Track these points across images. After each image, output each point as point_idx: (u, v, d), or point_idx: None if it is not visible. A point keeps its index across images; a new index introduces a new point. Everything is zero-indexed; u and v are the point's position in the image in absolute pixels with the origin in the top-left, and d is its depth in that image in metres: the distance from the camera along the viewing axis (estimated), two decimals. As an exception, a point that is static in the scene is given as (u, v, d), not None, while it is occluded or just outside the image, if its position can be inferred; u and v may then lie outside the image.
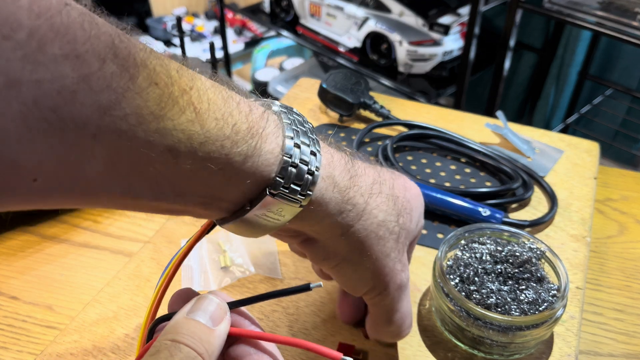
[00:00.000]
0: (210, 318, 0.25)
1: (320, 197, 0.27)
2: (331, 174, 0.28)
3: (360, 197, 0.29)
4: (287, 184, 0.25)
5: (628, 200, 0.61)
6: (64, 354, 0.41)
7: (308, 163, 0.26)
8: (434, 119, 0.68)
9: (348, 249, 0.30)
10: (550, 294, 0.40)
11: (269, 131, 0.25)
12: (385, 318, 0.34)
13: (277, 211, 0.25)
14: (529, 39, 1.55)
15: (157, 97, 0.20)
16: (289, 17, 1.53)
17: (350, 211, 0.28)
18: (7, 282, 0.52)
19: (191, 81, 0.22)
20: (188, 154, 0.22)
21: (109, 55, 0.19)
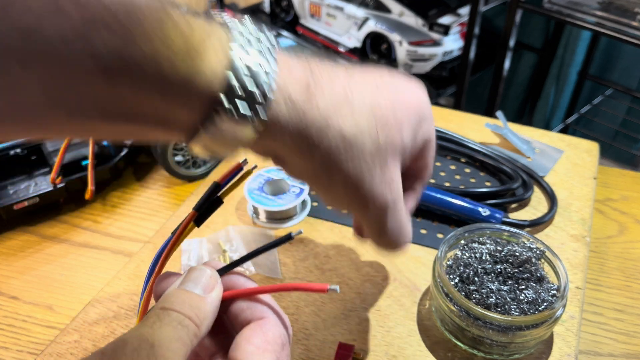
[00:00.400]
0: (202, 287, 0.25)
1: (275, 115, 0.25)
2: (285, 89, 0.25)
3: (320, 113, 0.26)
4: (233, 102, 0.23)
5: (628, 200, 0.61)
6: (64, 353, 0.41)
7: (257, 77, 0.24)
8: (434, 119, 0.68)
9: (314, 167, 0.28)
10: (550, 294, 0.40)
11: (211, 48, 0.23)
12: (375, 232, 0.33)
13: (231, 131, 0.24)
14: (529, 39, 1.55)
15: (80, 17, 0.19)
16: (289, 17, 1.53)
17: (309, 128, 0.26)
18: (7, 282, 0.52)
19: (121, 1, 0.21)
20: (122, 75, 0.21)
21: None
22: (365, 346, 0.42)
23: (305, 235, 0.51)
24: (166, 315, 0.23)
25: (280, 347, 0.26)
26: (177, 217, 0.54)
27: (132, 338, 0.22)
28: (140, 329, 0.23)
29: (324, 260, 0.49)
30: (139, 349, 0.21)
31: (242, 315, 0.27)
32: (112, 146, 0.61)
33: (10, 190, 0.57)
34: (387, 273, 0.48)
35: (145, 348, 0.21)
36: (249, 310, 0.27)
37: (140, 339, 0.22)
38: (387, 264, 0.48)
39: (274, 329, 0.26)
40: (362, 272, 0.48)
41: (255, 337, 0.25)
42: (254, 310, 0.27)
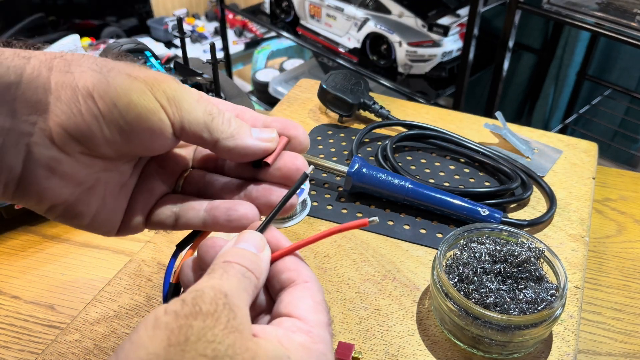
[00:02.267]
0: (255, 246, 0.26)
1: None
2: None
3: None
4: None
5: (626, 200, 0.61)
6: (66, 353, 0.42)
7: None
8: (434, 120, 0.68)
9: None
10: (549, 294, 0.40)
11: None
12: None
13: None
14: (528, 40, 1.55)
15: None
16: (289, 18, 1.53)
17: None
18: (8, 282, 0.52)
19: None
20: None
21: None
22: (365, 345, 0.42)
23: (306, 235, 0.52)
24: (230, 267, 0.24)
25: (327, 311, 0.26)
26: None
27: (207, 288, 0.23)
28: (211, 281, 0.23)
29: (324, 260, 0.49)
30: (216, 298, 0.22)
31: (284, 275, 0.27)
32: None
33: (11, 191, 0.57)
34: (386, 273, 0.48)
35: (221, 297, 0.22)
36: (293, 272, 0.27)
37: (214, 289, 0.22)
38: (387, 264, 0.49)
39: (320, 294, 0.27)
40: (362, 272, 0.48)
41: (307, 297, 0.26)
42: (299, 273, 0.27)
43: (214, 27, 2.30)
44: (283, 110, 0.70)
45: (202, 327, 0.21)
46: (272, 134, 0.29)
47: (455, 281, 0.41)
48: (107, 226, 0.30)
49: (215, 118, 0.28)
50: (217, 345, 0.21)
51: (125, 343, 0.21)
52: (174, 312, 0.21)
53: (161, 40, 2.19)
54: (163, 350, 0.20)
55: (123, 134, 0.26)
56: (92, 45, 2.02)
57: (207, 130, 0.27)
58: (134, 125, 0.26)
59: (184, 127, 0.27)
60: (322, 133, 0.66)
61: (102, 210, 0.29)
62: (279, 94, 1.75)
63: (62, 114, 0.25)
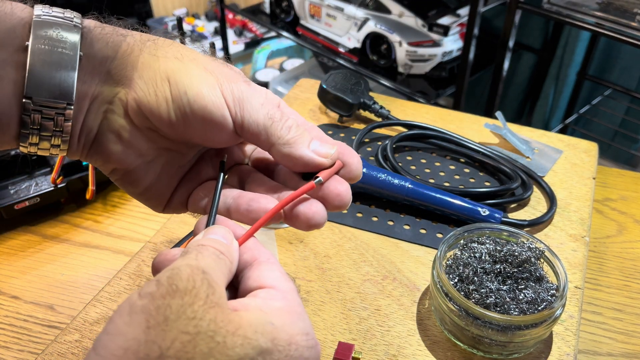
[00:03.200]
0: (223, 237, 0.27)
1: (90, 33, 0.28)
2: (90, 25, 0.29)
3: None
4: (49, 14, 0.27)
5: (627, 200, 0.61)
6: (65, 353, 0.41)
7: (63, 20, 0.27)
8: (434, 119, 0.68)
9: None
10: (549, 294, 0.40)
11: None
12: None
13: (57, 36, 0.26)
14: (528, 40, 1.55)
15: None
16: (289, 18, 1.53)
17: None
18: (8, 282, 0.52)
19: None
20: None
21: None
22: (365, 346, 0.42)
23: (306, 236, 0.52)
24: (205, 249, 0.25)
25: (293, 282, 0.28)
26: (178, 217, 0.54)
27: (182, 266, 0.23)
28: (186, 260, 0.23)
29: (324, 260, 0.49)
30: (193, 274, 0.22)
31: (246, 255, 0.27)
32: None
33: (11, 190, 0.57)
34: (386, 273, 0.48)
35: (198, 274, 0.22)
36: (254, 251, 0.28)
37: (190, 267, 0.23)
38: (387, 264, 0.49)
39: (282, 268, 0.27)
40: (362, 272, 0.48)
41: (274, 269, 0.26)
42: (260, 252, 0.28)
43: (213, 27, 2.30)
44: (283, 110, 0.70)
45: (181, 305, 0.20)
46: (331, 150, 0.29)
47: (455, 281, 0.41)
48: (156, 200, 0.32)
49: (275, 122, 0.29)
50: (198, 322, 0.20)
51: (101, 335, 0.20)
52: (149, 294, 0.21)
53: (161, 40, 2.19)
54: (143, 333, 0.20)
55: (186, 121, 0.28)
56: (92, 45, 2.02)
57: (265, 133, 0.29)
58: (197, 115, 0.28)
59: (243, 126, 0.29)
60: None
61: (155, 184, 0.31)
62: (279, 93, 1.75)
63: (139, 91, 0.28)
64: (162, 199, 0.32)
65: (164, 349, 0.19)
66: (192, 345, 0.20)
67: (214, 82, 0.28)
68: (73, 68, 0.27)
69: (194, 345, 0.20)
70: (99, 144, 0.29)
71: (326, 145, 0.30)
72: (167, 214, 0.55)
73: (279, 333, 0.23)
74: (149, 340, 0.19)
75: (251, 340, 0.21)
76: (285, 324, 0.23)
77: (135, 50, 0.28)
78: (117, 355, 0.19)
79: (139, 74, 0.28)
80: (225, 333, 0.21)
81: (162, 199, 0.32)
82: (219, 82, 0.28)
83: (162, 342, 0.19)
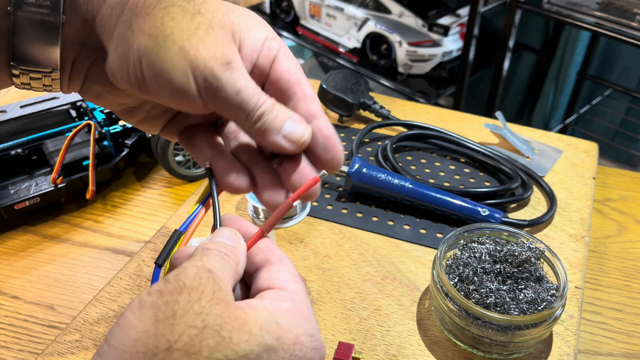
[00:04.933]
0: (229, 239, 0.27)
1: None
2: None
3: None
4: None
5: (627, 200, 0.61)
6: (65, 353, 0.41)
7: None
8: (434, 119, 0.68)
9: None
10: (549, 294, 0.40)
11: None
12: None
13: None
14: (528, 40, 1.55)
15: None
16: (289, 17, 1.53)
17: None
18: (8, 282, 0.52)
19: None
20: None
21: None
22: (365, 346, 0.42)
23: (306, 236, 0.52)
24: (209, 251, 0.25)
25: (304, 282, 0.27)
26: (178, 217, 0.54)
27: (189, 265, 0.23)
28: (192, 261, 0.24)
29: (324, 260, 0.49)
30: (199, 273, 0.22)
31: (258, 256, 0.28)
32: (113, 146, 0.62)
33: (11, 190, 0.57)
34: (386, 273, 0.48)
35: (204, 272, 0.23)
36: (266, 252, 0.28)
37: (196, 266, 0.23)
38: (387, 264, 0.49)
39: (294, 269, 0.27)
40: (362, 272, 0.48)
41: (284, 271, 0.27)
42: (272, 253, 0.28)
43: (214, 27, 2.30)
44: (283, 110, 0.70)
45: (188, 301, 0.21)
46: (304, 132, 0.28)
47: (455, 281, 0.41)
48: (152, 127, 0.33)
49: (245, 112, 0.27)
50: (205, 317, 0.21)
51: (113, 328, 0.21)
52: (157, 291, 0.21)
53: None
54: (152, 326, 0.20)
55: (160, 99, 0.28)
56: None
57: (235, 120, 0.28)
58: (169, 96, 0.28)
59: (214, 111, 0.28)
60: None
61: (148, 118, 0.32)
62: (279, 93, 1.74)
63: (113, 64, 0.28)
64: (157, 126, 0.33)
65: (172, 342, 0.20)
66: (199, 339, 0.20)
67: (186, 68, 0.26)
68: (56, 39, 0.27)
69: (200, 339, 0.20)
70: (88, 88, 0.30)
71: (300, 126, 0.28)
72: (167, 215, 0.55)
73: (284, 332, 0.23)
74: (157, 333, 0.20)
75: (256, 337, 0.22)
76: (291, 324, 0.24)
77: (113, 16, 0.27)
78: (128, 346, 0.20)
79: (114, 47, 0.27)
80: (231, 328, 0.21)
81: (157, 127, 0.33)
82: (193, 67, 0.26)
83: (170, 335, 0.20)
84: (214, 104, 0.27)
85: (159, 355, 0.20)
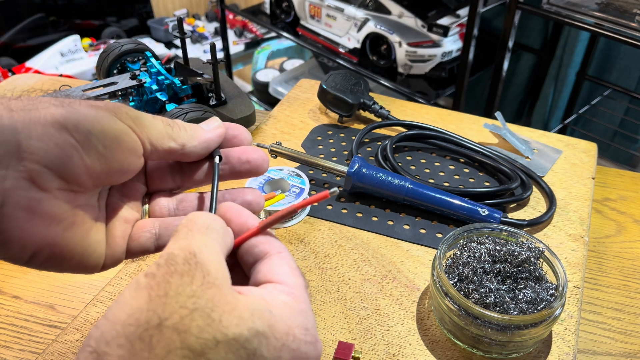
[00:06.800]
0: (207, 217, 0.27)
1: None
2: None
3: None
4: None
5: (626, 200, 0.61)
6: (66, 352, 0.42)
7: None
8: (433, 120, 0.68)
9: None
10: (549, 293, 0.40)
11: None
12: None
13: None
14: (528, 40, 1.55)
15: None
16: (289, 18, 1.53)
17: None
18: (9, 282, 0.52)
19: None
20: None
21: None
22: (365, 345, 0.42)
23: (306, 235, 0.52)
24: (193, 224, 0.25)
25: (303, 275, 0.27)
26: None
27: (176, 250, 0.23)
28: (177, 242, 0.24)
29: (324, 260, 0.49)
30: (187, 258, 0.23)
31: (257, 248, 0.28)
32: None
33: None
34: (386, 272, 0.48)
35: (191, 257, 0.23)
36: (265, 244, 0.28)
37: (183, 250, 0.23)
38: (387, 264, 0.49)
39: (293, 262, 0.28)
40: (361, 272, 0.48)
41: (283, 264, 0.27)
42: (271, 245, 0.28)
43: (214, 27, 2.30)
44: (283, 110, 0.71)
45: (180, 284, 0.22)
46: (215, 122, 0.32)
47: (455, 281, 0.41)
48: (93, 261, 0.29)
49: (173, 127, 0.30)
50: (196, 300, 0.22)
51: (112, 305, 0.22)
52: (151, 274, 0.22)
53: (161, 41, 2.19)
54: (145, 304, 0.21)
55: (102, 159, 0.27)
56: (93, 46, 2.02)
57: (172, 140, 0.29)
58: (112, 149, 0.27)
59: (152, 142, 0.29)
60: (322, 133, 0.66)
61: (87, 246, 0.29)
62: (279, 94, 1.75)
63: (38, 151, 0.25)
64: (98, 257, 0.29)
65: (163, 319, 0.21)
66: (189, 319, 0.21)
67: (108, 114, 0.27)
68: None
69: (191, 319, 0.21)
70: (8, 230, 0.25)
71: (211, 121, 0.32)
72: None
73: (276, 322, 0.23)
74: (150, 310, 0.21)
75: (246, 321, 0.22)
76: (285, 315, 0.24)
77: (4, 113, 0.25)
78: (121, 319, 0.21)
79: (25, 135, 0.25)
80: (221, 312, 0.22)
81: (98, 258, 0.29)
82: (111, 112, 0.27)
83: (162, 312, 0.21)
84: (150, 137, 0.29)
85: (150, 330, 0.21)
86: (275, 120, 0.69)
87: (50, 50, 1.86)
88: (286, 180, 0.55)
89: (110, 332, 0.21)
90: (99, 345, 0.21)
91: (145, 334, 0.21)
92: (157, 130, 0.29)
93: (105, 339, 0.21)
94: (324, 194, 0.28)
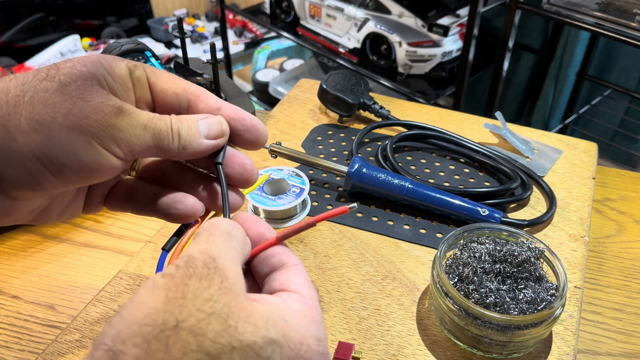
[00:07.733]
0: (229, 224, 0.27)
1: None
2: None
3: None
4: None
5: (626, 200, 0.61)
6: (66, 353, 0.42)
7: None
8: (433, 120, 0.68)
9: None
10: (549, 293, 0.40)
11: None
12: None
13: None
14: (528, 40, 1.55)
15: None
16: (289, 18, 1.53)
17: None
18: (8, 282, 0.52)
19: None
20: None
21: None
22: (365, 345, 0.42)
23: (305, 235, 0.52)
24: (215, 229, 0.26)
25: (316, 291, 0.28)
26: (178, 217, 0.54)
27: (195, 253, 0.24)
28: (198, 245, 0.24)
29: (324, 260, 0.49)
30: (207, 262, 0.23)
31: (275, 259, 0.28)
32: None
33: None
34: (386, 272, 0.48)
35: (211, 261, 0.23)
36: (283, 255, 0.28)
37: (203, 254, 0.24)
38: (387, 264, 0.49)
39: (307, 275, 0.28)
40: (361, 272, 0.48)
41: (299, 275, 0.27)
42: (289, 257, 0.28)
43: (214, 27, 2.30)
44: (283, 110, 0.70)
45: (198, 287, 0.22)
46: (222, 125, 0.30)
47: (455, 281, 0.41)
48: (71, 216, 0.32)
49: (163, 139, 0.28)
50: (213, 304, 0.22)
51: (126, 304, 0.22)
52: (169, 274, 0.22)
53: (161, 41, 2.19)
54: (162, 304, 0.21)
55: (77, 181, 0.28)
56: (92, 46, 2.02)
57: (160, 153, 0.29)
58: (87, 178, 0.28)
59: (135, 155, 0.29)
60: (322, 133, 0.66)
61: (65, 211, 0.31)
62: (279, 94, 1.75)
63: (13, 178, 0.26)
64: (76, 213, 0.32)
65: (180, 321, 0.21)
66: (205, 323, 0.21)
67: (88, 139, 0.26)
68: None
69: (207, 323, 0.21)
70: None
71: (213, 122, 0.30)
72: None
73: (291, 330, 0.23)
74: (167, 311, 0.21)
75: (261, 329, 0.22)
76: (299, 324, 0.24)
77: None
78: (138, 319, 0.21)
79: (2, 160, 0.26)
80: (237, 318, 0.22)
81: (76, 213, 0.32)
82: (94, 134, 0.26)
83: (179, 314, 0.21)
84: (132, 152, 0.28)
85: (166, 331, 0.21)
86: (275, 120, 0.68)
87: (50, 50, 1.85)
88: (286, 180, 0.55)
89: (127, 331, 0.21)
90: (114, 343, 0.20)
91: (162, 335, 0.20)
92: (145, 149, 0.28)
93: (122, 338, 0.21)
94: (343, 209, 0.29)
